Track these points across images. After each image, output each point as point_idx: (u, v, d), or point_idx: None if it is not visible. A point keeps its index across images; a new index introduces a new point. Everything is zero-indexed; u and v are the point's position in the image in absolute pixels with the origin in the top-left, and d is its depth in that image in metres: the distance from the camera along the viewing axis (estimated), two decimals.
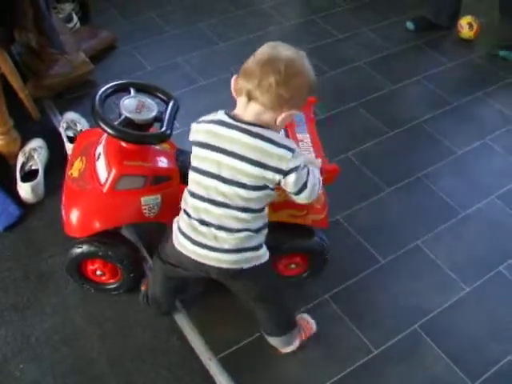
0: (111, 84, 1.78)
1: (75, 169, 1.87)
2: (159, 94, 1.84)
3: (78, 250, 1.84)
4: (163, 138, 1.72)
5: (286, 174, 1.44)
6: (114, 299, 1.97)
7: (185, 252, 1.56)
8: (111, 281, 1.98)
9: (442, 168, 2.51)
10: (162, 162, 1.82)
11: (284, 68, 1.40)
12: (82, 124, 2.46)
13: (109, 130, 1.66)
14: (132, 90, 1.78)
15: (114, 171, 1.73)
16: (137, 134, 1.70)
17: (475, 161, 2.56)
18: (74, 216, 1.82)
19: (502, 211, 2.36)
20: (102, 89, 1.74)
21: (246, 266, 1.56)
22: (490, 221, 2.31)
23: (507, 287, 2.10)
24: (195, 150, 1.51)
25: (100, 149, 1.82)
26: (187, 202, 1.55)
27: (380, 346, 1.90)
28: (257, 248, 1.57)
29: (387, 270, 2.12)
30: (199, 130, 1.50)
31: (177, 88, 2.77)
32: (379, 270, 2.12)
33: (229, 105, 2.63)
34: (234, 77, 1.51)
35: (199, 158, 1.50)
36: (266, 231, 1.58)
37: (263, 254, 1.59)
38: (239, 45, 3.10)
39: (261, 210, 1.53)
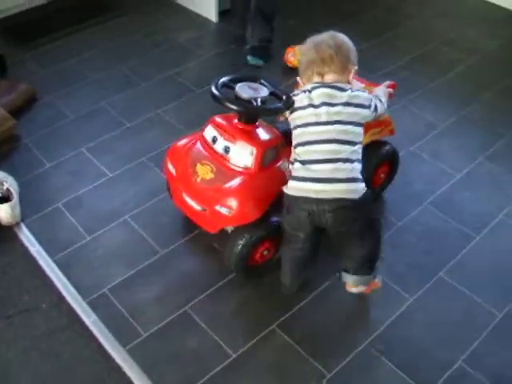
0: (224, 78, 2.04)
1: (203, 173, 2.05)
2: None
3: (250, 239, 2.03)
4: (290, 104, 1.93)
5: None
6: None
7: (301, 195, 1.82)
8: (272, 255, 2.15)
9: None
10: (272, 133, 2.08)
11: (332, 42, 1.93)
12: (9, 182, 2.39)
13: (254, 109, 1.97)
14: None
15: (257, 150, 1.98)
16: (274, 107, 1.95)
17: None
18: (245, 204, 1.99)
19: (436, 216, 2.41)
20: (219, 81, 2.03)
21: (357, 196, 1.81)
22: (425, 228, 2.36)
23: (449, 292, 2.13)
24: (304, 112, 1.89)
25: (221, 144, 2.04)
26: (298, 152, 1.87)
27: (333, 368, 1.90)
28: (361, 179, 1.85)
29: (329, 291, 2.13)
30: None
31: (103, 133, 2.77)
32: (320, 294, 2.12)
33: (157, 144, 2.67)
34: (298, 78, 2.03)
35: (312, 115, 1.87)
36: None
37: (364, 186, 1.85)
38: (161, 82, 3.10)
39: (361, 142, 1.90)
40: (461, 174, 2.60)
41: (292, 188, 1.86)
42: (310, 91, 1.89)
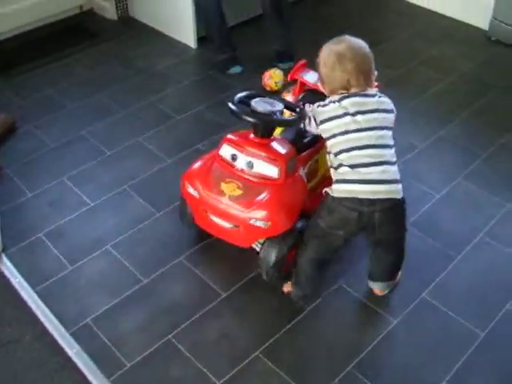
0: (240, 94, 2.13)
1: (230, 191, 2.08)
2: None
3: (284, 248, 2.12)
4: (304, 117, 2.04)
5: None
6: None
7: (356, 196, 1.89)
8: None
9: None
10: (287, 144, 2.17)
11: (359, 57, 1.96)
12: None
13: (276, 121, 2.09)
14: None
15: (282, 161, 2.07)
16: (292, 119, 2.09)
17: None
18: (280, 214, 2.07)
19: (417, 237, 2.42)
20: (235, 97, 2.11)
21: (400, 196, 1.93)
22: (407, 249, 2.37)
23: (432, 313, 2.14)
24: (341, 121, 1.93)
25: (243, 160, 2.09)
26: (342, 158, 1.92)
27: None
28: (400, 181, 1.95)
29: (313, 315, 2.13)
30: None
31: (84, 162, 2.77)
32: (305, 316, 2.13)
33: (138, 171, 2.67)
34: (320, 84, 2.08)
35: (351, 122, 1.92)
36: None
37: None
38: (141, 110, 3.11)
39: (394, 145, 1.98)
40: (440, 194, 2.63)
41: (341, 190, 1.93)
42: (339, 101, 1.95)
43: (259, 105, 2.06)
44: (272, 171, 2.08)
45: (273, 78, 3.19)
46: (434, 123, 3.01)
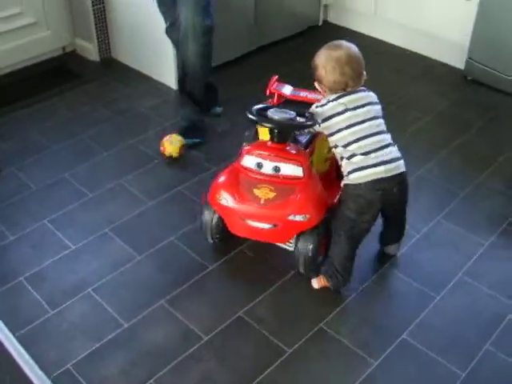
0: (256, 107, 2.31)
1: (265, 195, 2.28)
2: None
3: (317, 239, 2.33)
4: (315, 122, 2.24)
5: None
6: None
7: (375, 180, 2.17)
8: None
9: None
10: (299, 147, 2.41)
11: (354, 60, 2.25)
12: None
13: (295, 125, 2.30)
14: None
15: (304, 161, 2.30)
16: (308, 122, 2.25)
17: None
18: (315, 207, 2.30)
19: (397, 278, 2.45)
20: (253, 109, 2.29)
21: (404, 169, 2.26)
22: (387, 290, 2.41)
23: (412, 354, 2.15)
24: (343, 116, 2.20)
25: (269, 166, 2.29)
26: (352, 149, 2.19)
27: None
28: (401, 157, 2.27)
29: (293, 357, 2.13)
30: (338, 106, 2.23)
31: (66, 204, 2.78)
32: (287, 359, 2.13)
33: (120, 214, 2.68)
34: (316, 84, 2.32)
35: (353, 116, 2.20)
36: None
37: None
38: (123, 151, 3.14)
39: None
40: (420, 233, 2.66)
41: (361, 176, 2.19)
42: (336, 100, 2.22)
43: (275, 114, 2.26)
44: (297, 171, 2.29)
45: (170, 145, 3.06)
46: (412, 162, 3.02)
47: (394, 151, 2.24)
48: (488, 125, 3.45)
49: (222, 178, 2.39)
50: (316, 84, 2.32)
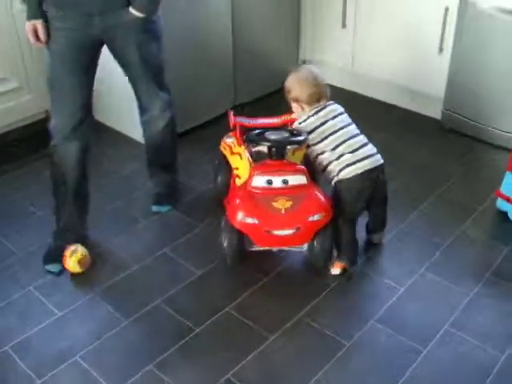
0: (253, 133, 2.73)
1: (283, 205, 2.59)
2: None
3: (331, 233, 2.69)
4: (307, 138, 2.67)
5: None
6: None
7: (360, 173, 2.62)
8: None
9: (319, 303, 2.61)
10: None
11: (319, 76, 2.79)
12: None
13: (290, 142, 2.68)
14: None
15: (303, 170, 2.67)
16: (303, 138, 2.65)
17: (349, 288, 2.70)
18: (327, 204, 2.65)
19: (383, 333, 2.46)
20: (250, 134, 2.74)
21: (382, 161, 2.71)
22: (374, 346, 2.41)
23: None
24: (326, 126, 2.68)
25: (279, 180, 2.61)
26: (341, 149, 2.65)
27: None
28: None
29: None
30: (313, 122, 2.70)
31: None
32: None
33: (103, 279, 2.64)
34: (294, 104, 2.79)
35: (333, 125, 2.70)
36: None
37: None
38: (107, 214, 3.16)
39: None
40: (404, 287, 2.68)
41: (350, 172, 2.62)
42: (316, 114, 2.70)
43: (272, 135, 2.66)
44: (302, 179, 2.64)
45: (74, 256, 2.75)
46: (394, 217, 3.08)
47: (372, 147, 2.71)
48: (467, 174, 3.51)
49: (238, 202, 2.65)
50: (294, 105, 2.78)
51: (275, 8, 4.21)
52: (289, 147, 2.75)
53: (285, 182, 2.61)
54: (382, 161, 2.70)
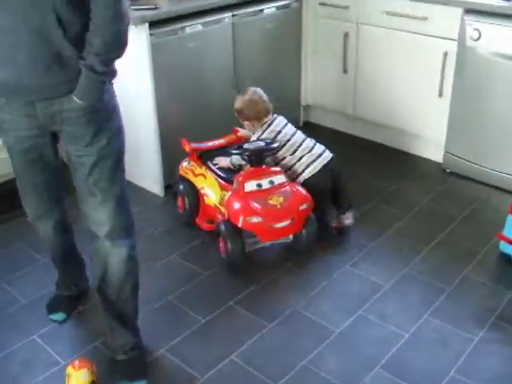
0: (235, 151, 3.19)
1: (277, 201, 3.02)
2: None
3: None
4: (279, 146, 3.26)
5: None
6: None
7: (319, 169, 3.23)
8: None
9: (324, 350, 2.59)
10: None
11: (263, 96, 3.41)
12: None
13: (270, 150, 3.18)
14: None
15: (281, 171, 3.15)
16: (277, 146, 3.21)
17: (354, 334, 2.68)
18: (308, 194, 3.12)
19: (388, 380, 2.43)
20: (232, 151, 3.20)
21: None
22: None
23: None
24: (277, 138, 3.28)
25: (266, 182, 3.06)
26: (299, 153, 3.26)
27: None
28: None
29: None
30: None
31: (52, 322, 2.75)
32: None
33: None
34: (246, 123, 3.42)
35: (285, 134, 3.32)
36: None
37: None
38: None
39: None
40: (409, 333, 2.66)
41: (312, 170, 3.22)
42: (268, 127, 3.30)
43: (250, 145, 3.13)
44: (283, 178, 3.10)
45: None
46: (397, 261, 3.10)
47: (320, 145, 3.31)
48: (469, 217, 3.52)
49: (240, 206, 3.00)
50: (246, 124, 3.37)
51: (276, 53, 4.29)
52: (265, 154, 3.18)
53: (271, 182, 3.06)
54: (331, 154, 3.28)
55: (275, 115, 3.35)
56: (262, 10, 4.05)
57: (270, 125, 3.29)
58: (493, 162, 3.77)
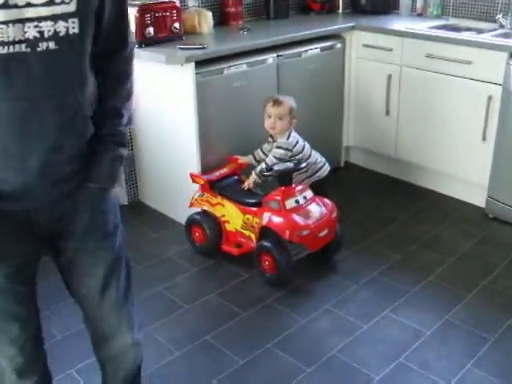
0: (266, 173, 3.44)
1: (313, 213, 3.28)
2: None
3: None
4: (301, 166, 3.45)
5: None
6: None
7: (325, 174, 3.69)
8: None
9: None
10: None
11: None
12: None
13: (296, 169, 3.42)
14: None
15: (309, 188, 3.44)
16: (306, 165, 3.50)
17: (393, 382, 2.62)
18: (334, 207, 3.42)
19: None
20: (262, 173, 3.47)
21: None
22: None
23: None
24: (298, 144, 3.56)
25: (302, 199, 3.31)
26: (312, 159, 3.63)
27: None
28: None
29: None
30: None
31: (92, 353, 2.74)
32: None
33: (146, 365, 2.58)
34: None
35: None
36: None
37: None
38: (150, 298, 3.16)
39: None
40: (451, 383, 2.59)
41: (322, 174, 3.65)
42: (292, 132, 3.55)
43: (280, 167, 3.34)
44: (310, 193, 3.37)
45: None
46: (438, 307, 3.04)
47: (322, 158, 3.68)
48: None
49: (286, 223, 3.21)
50: (285, 121, 3.46)
51: (319, 93, 4.31)
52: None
53: (305, 197, 3.31)
54: (329, 168, 3.66)
55: None
56: (306, 51, 4.09)
57: (291, 131, 3.53)
58: None
